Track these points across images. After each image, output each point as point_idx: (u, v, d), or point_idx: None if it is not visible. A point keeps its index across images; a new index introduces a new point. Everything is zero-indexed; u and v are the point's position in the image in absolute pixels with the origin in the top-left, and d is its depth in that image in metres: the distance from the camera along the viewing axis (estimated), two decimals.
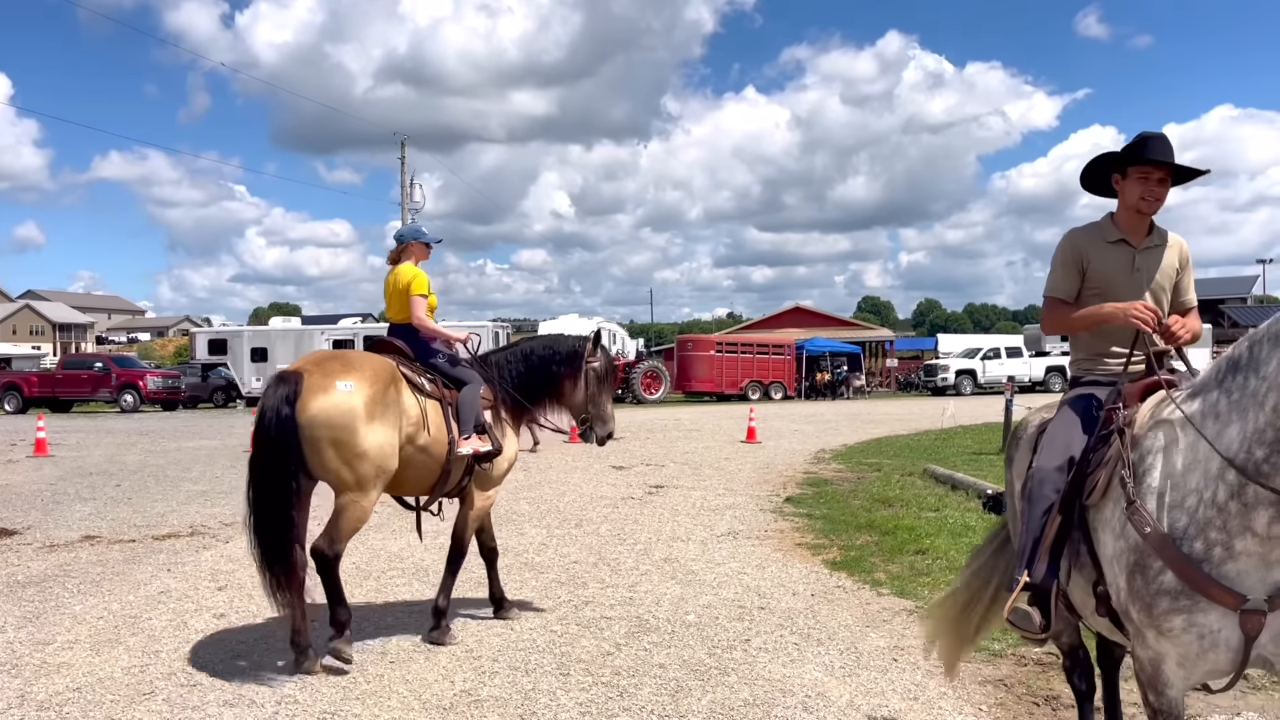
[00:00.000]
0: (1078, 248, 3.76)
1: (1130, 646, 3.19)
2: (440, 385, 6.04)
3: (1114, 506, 3.17)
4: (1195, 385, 3.13)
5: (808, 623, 6.50)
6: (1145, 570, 2.95)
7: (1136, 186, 3.66)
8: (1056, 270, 3.80)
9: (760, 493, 12.89)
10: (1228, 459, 2.84)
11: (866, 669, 5.55)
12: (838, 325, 56.69)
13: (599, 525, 10.30)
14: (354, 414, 5.36)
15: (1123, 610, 3.10)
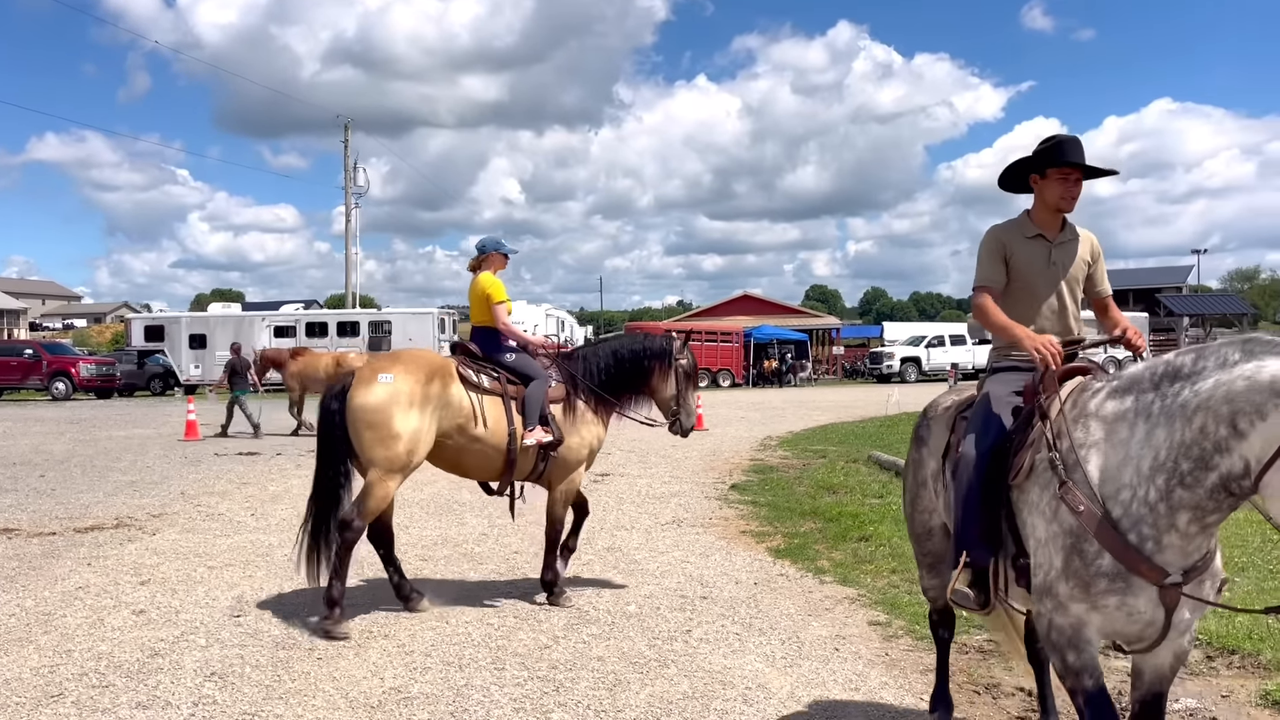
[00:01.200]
0: (1001, 241, 3.94)
1: (1041, 612, 3.31)
2: (504, 381, 6.51)
3: (1042, 491, 3.30)
4: (1126, 380, 3.25)
5: (750, 612, 6.40)
6: (1083, 553, 3.10)
7: (1057, 186, 3.85)
8: (984, 262, 3.95)
9: (706, 480, 12.81)
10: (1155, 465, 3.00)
11: (808, 659, 5.46)
12: (785, 313, 56.99)
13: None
14: (389, 402, 6.00)
15: (1046, 587, 3.23)
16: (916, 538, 4.38)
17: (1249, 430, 2.77)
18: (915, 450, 4.35)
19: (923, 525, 4.31)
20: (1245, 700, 4.70)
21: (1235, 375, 2.86)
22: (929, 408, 4.40)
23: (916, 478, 4.30)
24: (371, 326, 36.00)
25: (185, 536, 9.00)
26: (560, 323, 42.41)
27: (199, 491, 11.87)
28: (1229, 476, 2.85)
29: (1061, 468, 3.21)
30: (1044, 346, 3.59)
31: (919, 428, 4.37)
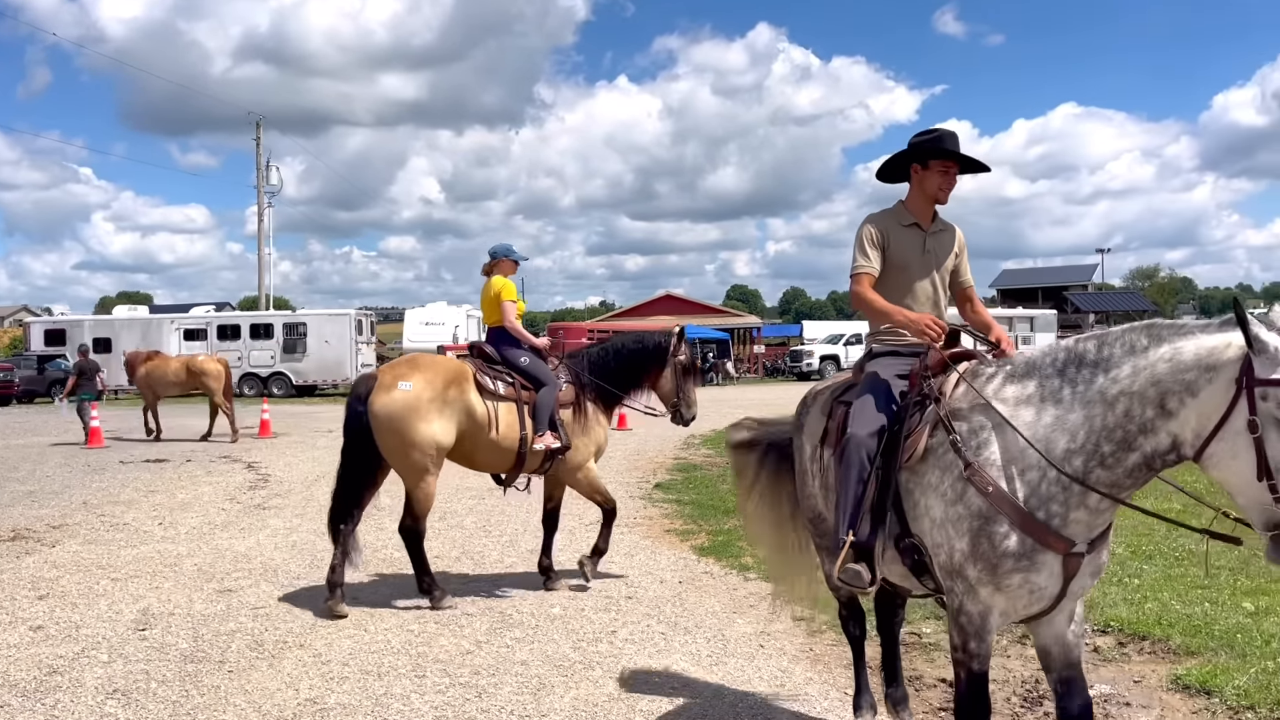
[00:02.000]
0: (879, 229, 3.98)
1: (953, 592, 3.32)
2: (518, 386, 6.82)
3: (941, 472, 3.33)
4: (1024, 366, 3.34)
5: (675, 611, 6.37)
6: (991, 534, 3.14)
7: (937, 177, 3.92)
8: (864, 249, 3.96)
9: (630, 480, 12.76)
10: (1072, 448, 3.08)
11: (734, 656, 5.45)
12: (707, 313, 57.33)
13: (464, 518, 9.97)
14: (408, 409, 6.36)
15: (955, 568, 3.25)
16: (810, 522, 4.35)
17: (1179, 409, 2.88)
18: (797, 438, 4.39)
19: (811, 510, 4.30)
20: (1157, 685, 4.82)
21: (1154, 359, 2.95)
22: (808, 396, 4.43)
23: (799, 464, 4.34)
24: (286, 329, 35.05)
25: (87, 548, 8.62)
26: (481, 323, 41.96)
27: (102, 501, 11.39)
28: (1154, 454, 2.97)
29: (966, 449, 3.24)
30: (930, 325, 3.65)
31: (799, 415, 4.40)
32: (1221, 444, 2.81)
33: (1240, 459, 2.77)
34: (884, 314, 3.90)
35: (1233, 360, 2.79)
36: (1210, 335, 2.89)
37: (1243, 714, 4.36)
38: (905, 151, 3.98)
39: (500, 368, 6.90)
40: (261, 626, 6.05)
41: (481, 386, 6.69)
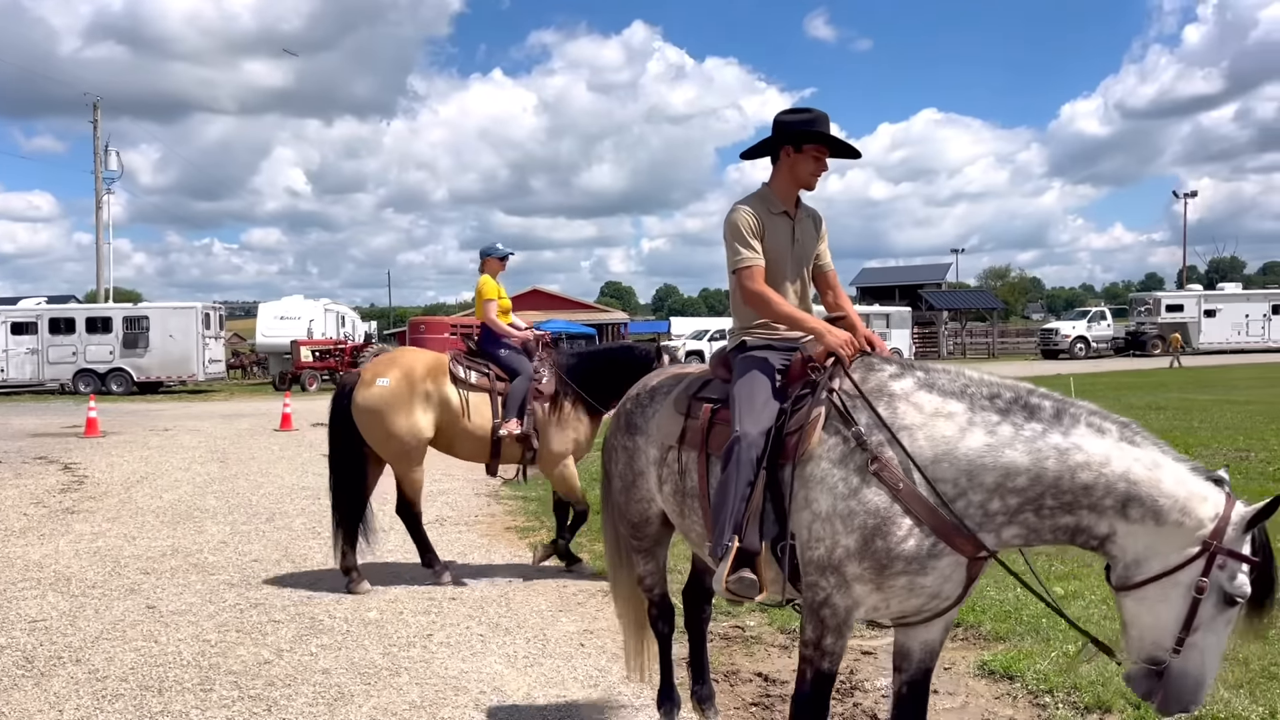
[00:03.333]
0: (756, 217, 3.66)
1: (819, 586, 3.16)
2: (493, 377, 7.07)
3: (834, 466, 3.16)
4: (946, 382, 3.19)
5: (499, 611, 6.13)
6: (888, 534, 3.00)
7: (810, 163, 3.65)
8: (746, 240, 3.63)
9: (478, 476, 12.32)
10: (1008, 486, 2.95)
11: (551, 657, 5.25)
12: (575, 308, 57.15)
13: (294, 519, 9.46)
14: (383, 403, 6.82)
15: (832, 564, 3.10)
16: (634, 526, 4.12)
17: (1138, 525, 2.81)
18: (626, 438, 4.07)
19: (640, 514, 4.06)
20: (965, 671, 4.85)
21: (1131, 459, 2.85)
22: (638, 393, 4.14)
23: (632, 466, 4.03)
24: (126, 322, 32.97)
25: None
26: (341, 318, 40.63)
27: None
28: (1087, 532, 2.90)
29: (873, 443, 3.08)
30: (848, 343, 3.39)
31: (629, 415, 4.09)
32: (1159, 587, 2.77)
33: (1170, 607, 2.76)
34: (790, 319, 3.57)
35: (1206, 518, 2.75)
36: (1189, 475, 2.82)
37: (1042, 698, 4.42)
38: (778, 133, 3.67)
39: (479, 360, 7.22)
40: (36, 641, 5.52)
41: (456, 377, 7.00)
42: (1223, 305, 48.65)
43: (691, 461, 3.65)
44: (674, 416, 3.80)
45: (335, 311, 40.39)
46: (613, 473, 4.17)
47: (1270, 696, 4.20)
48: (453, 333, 39.21)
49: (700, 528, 3.61)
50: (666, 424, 3.83)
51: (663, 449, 3.83)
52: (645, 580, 4.28)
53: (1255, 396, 20.59)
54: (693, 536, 3.75)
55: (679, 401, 3.83)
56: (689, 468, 3.67)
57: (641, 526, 4.10)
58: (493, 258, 7.74)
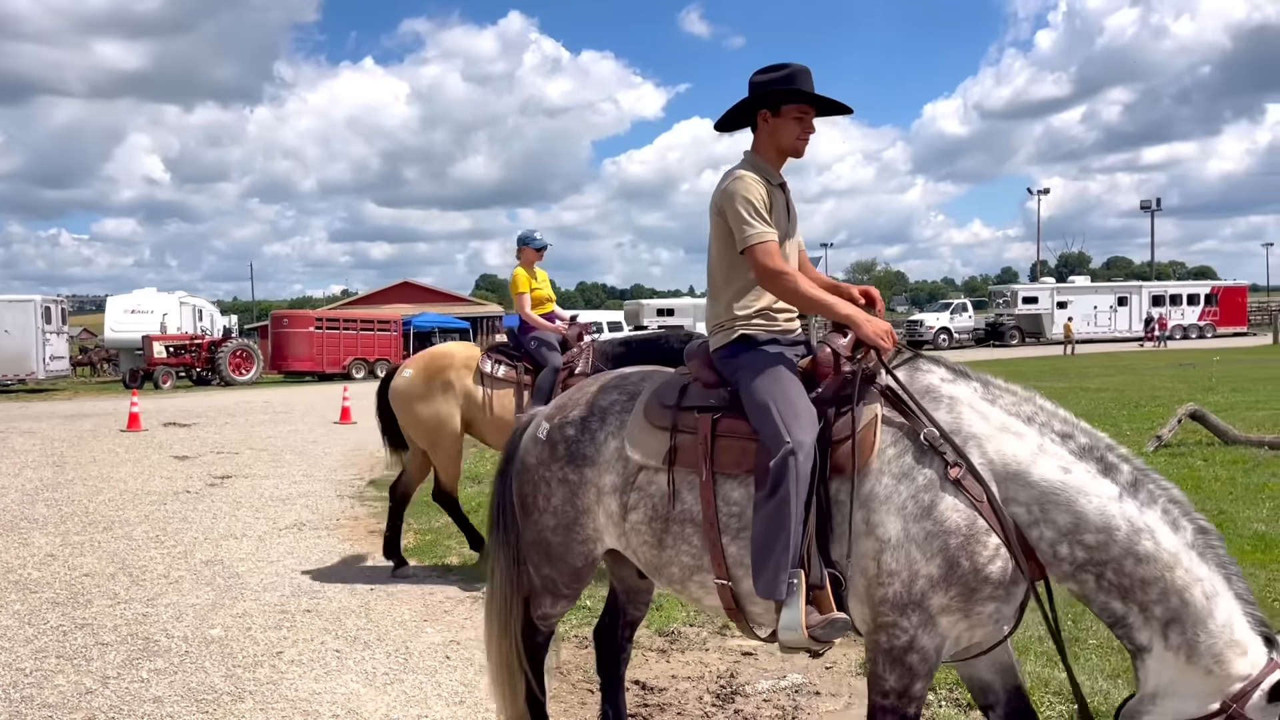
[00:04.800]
0: (764, 187, 3.17)
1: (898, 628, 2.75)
2: (521, 370, 7.04)
3: (899, 481, 2.76)
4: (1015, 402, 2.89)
5: (358, 624, 5.70)
6: (974, 555, 2.66)
7: (794, 126, 3.22)
8: (756, 212, 3.10)
9: (344, 477, 11.83)
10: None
11: (414, 672, 4.88)
12: (449, 301, 55.96)
13: (135, 527, 8.74)
14: (406, 394, 7.10)
15: (913, 599, 2.70)
16: (573, 571, 3.44)
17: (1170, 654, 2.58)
18: (566, 469, 3.34)
19: (583, 557, 3.40)
20: (847, 670, 4.71)
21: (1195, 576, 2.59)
22: (576, 415, 3.41)
23: (574, 503, 3.32)
24: None
25: None
26: (198, 312, 38.64)
27: None
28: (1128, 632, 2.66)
29: (949, 450, 2.72)
30: (888, 333, 2.98)
31: (571, 441, 3.36)
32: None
33: None
34: (819, 302, 3.07)
35: (1237, 675, 2.52)
36: (1240, 619, 2.58)
37: None
38: (751, 96, 3.22)
39: (510, 352, 7.22)
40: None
41: (482, 371, 7.04)
42: (1074, 297, 51.24)
43: (688, 485, 3.09)
44: (651, 432, 3.18)
45: (192, 305, 38.42)
46: (538, 508, 3.42)
47: None
48: (318, 326, 37.94)
49: (693, 560, 3.07)
50: (641, 443, 3.19)
51: (628, 473, 3.21)
52: (550, 620, 3.67)
53: (1106, 384, 21.61)
54: (673, 571, 3.14)
55: (655, 414, 3.21)
56: (682, 492, 3.09)
57: (582, 572, 3.47)
58: (529, 247, 7.69)
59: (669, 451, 3.11)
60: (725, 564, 2.98)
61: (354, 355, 37.89)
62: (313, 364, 36.89)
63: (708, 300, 3.37)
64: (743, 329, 3.20)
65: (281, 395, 27.96)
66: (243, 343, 36.15)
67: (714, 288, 3.30)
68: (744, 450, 3.00)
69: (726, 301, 3.24)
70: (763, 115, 3.23)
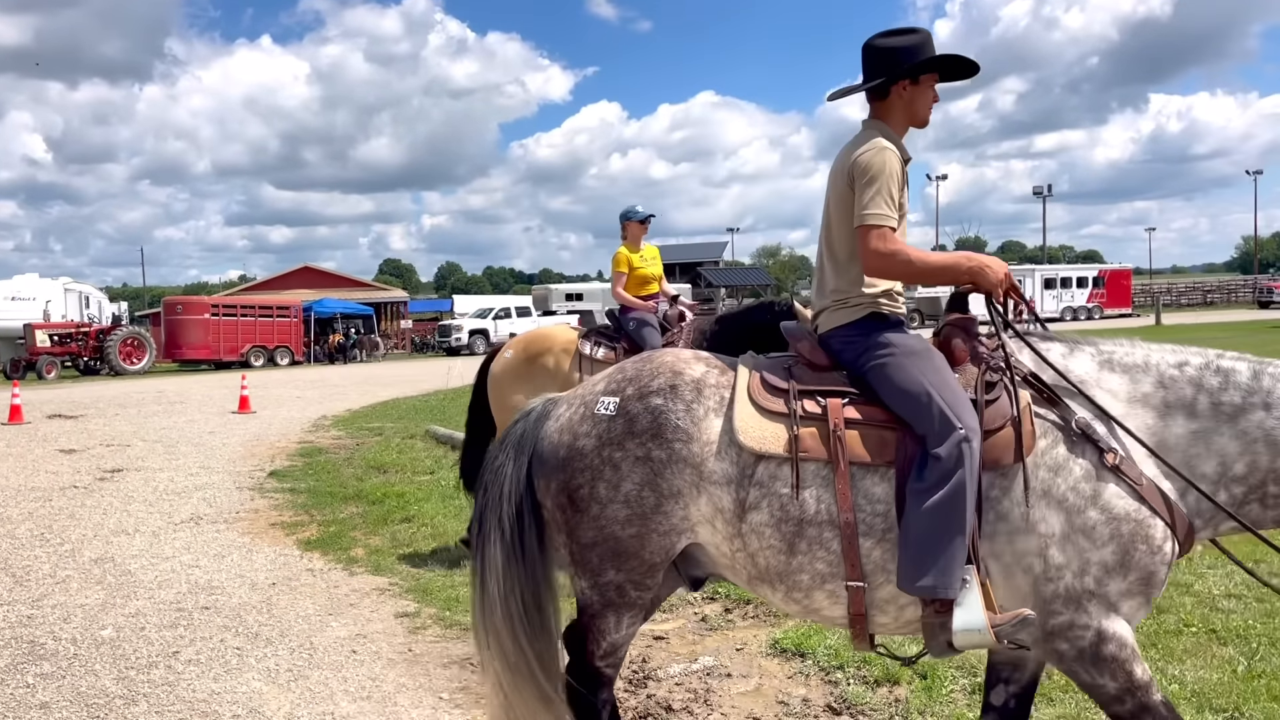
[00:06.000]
0: (899, 163, 2.95)
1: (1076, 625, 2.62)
2: (620, 353, 6.67)
3: (1056, 472, 2.65)
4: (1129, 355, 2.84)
5: (259, 620, 5.53)
6: (1150, 539, 2.60)
7: (929, 95, 3.02)
8: (892, 193, 2.87)
9: (242, 469, 11.47)
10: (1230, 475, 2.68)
11: (319, 668, 4.75)
12: (351, 286, 54.73)
13: (17, 525, 8.32)
14: (502, 375, 6.86)
15: (1088, 590, 2.59)
16: (650, 569, 2.91)
17: None
18: (651, 445, 2.85)
19: (661, 551, 2.88)
20: (757, 651, 4.76)
21: None
22: (665, 382, 2.94)
23: (657, 485, 2.84)
24: None
25: None
26: (85, 299, 36.98)
27: None
28: None
29: (1100, 434, 2.65)
30: (1008, 273, 2.87)
31: (655, 412, 2.88)
32: None
33: None
34: (938, 267, 2.89)
35: None
36: None
37: (833, 674, 4.37)
38: (889, 63, 2.95)
39: (610, 335, 6.97)
40: None
41: (581, 354, 6.78)
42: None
43: (817, 478, 2.77)
44: (764, 418, 2.83)
45: (77, 292, 36.74)
46: (599, 499, 2.88)
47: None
48: (214, 313, 36.72)
49: (829, 567, 2.75)
50: (753, 430, 2.82)
51: (743, 464, 2.81)
52: (619, 654, 3.05)
53: None
54: (801, 579, 2.79)
55: (765, 397, 2.87)
56: (815, 489, 2.77)
57: (657, 569, 2.93)
58: (633, 221, 7.29)
59: (790, 441, 2.79)
60: (862, 567, 2.73)
61: (252, 343, 36.85)
62: (209, 352, 35.76)
63: (821, 272, 3.09)
64: (873, 307, 2.97)
65: (176, 385, 27.00)
66: (133, 330, 34.80)
67: (834, 260, 3.02)
68: (882, 440, 2.75)
69: (853, 276, 2.96)
70: (901, 85, 2.99)
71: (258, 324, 37.31)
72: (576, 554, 2.95)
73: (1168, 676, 4.05)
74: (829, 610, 2.82)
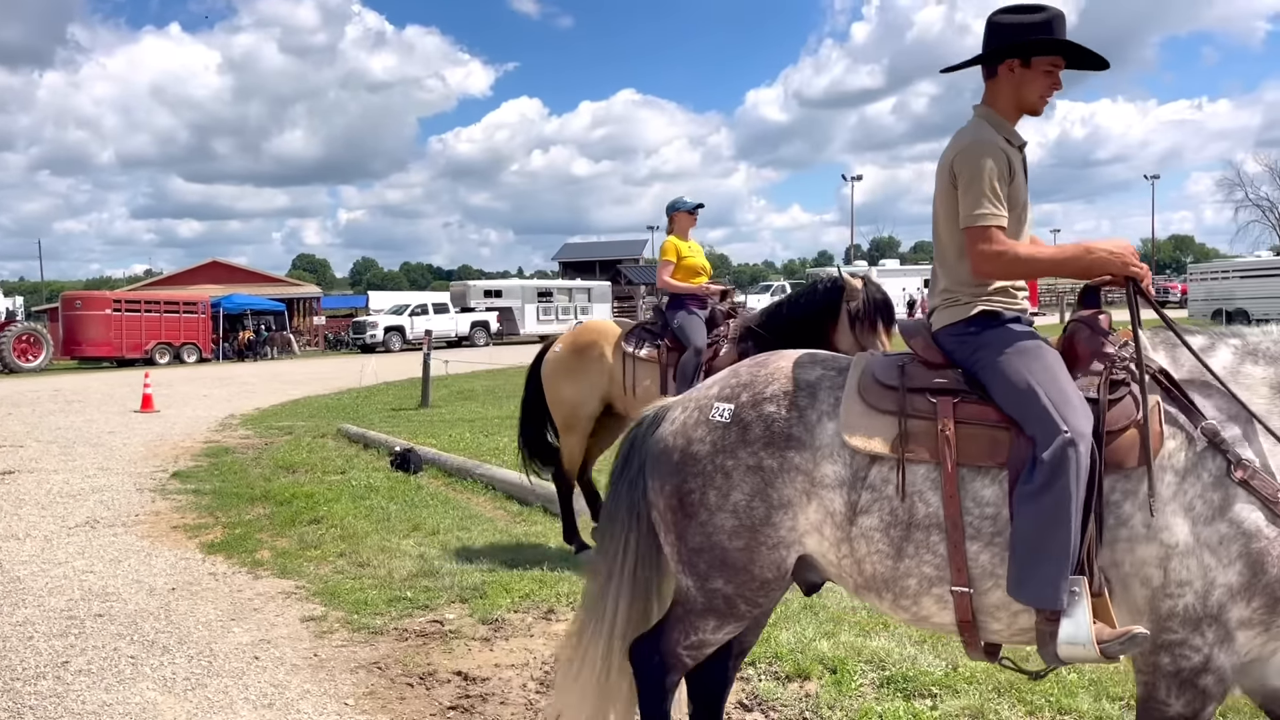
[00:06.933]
0: (1006, 155, 2.79)
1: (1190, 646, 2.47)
2: (665, 349, 6.47)
3: (1183, 479, 2.49)
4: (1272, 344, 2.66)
5: (156, 626, 5.32)
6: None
7: (1043, 80, 2.84)
8: (994, 189, 2.74)
9: (143, 470, 11.07)
10: None
11: (219, 675, 4.59)
12: (262, 281, 53.22)
13: None
14: (553, 371, 6.74)
15: (1208, 612, 2.44)
16: (762, 586, 2.85)
17: None
18: (763, 454, 2.79)
19: (772, 566, 2.81)
20: None
21: None
22: (778, 385, 2.88)
23: (767, 495, 2.77)
24: None
25: None
26: None
27: None
28: None
29: (1230, 441, 2.47)
30: (1134, 254, 2.70)
31: (770, 420, 2.82)
32: None
33: None
34: (1051, 261, 2.79)
35: None
36: None
37: (745, 670, 4.36)
38: (1000, 39, 2.81)
39: (655, 329, 6.71)
40: None
41: (626, 350, 6.57)
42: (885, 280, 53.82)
43: (925, 479, 2.68)
44: (873, 416, 2.75)
45: None
46: (708, 506, 2.84)
47: (950, 650, 4.40)
48: (116, 308, 35.41)
49: (936, 571, 2.66)
50: (861, 429, 2.74)
51: (856, 466, 2.73)
52: (703, 650, 3.04)
53: None
54: (908, 584, 2.70)
55: (875, 394, 2.78)
56: (923, 490, 2.67)
57: (771, 585, 2.87)
58: (681, 211, 7.01)
59: (897, 439, 2.70)
60: (969, 572, 2.62)
61: (157, 339, 35.65)
62: (111, 349, 34.47)
63: (936, 270, 2.99)
64: (984, 304, 2.84)
65: (74, 382, 25.98)
66: (29, 326, 33.38)
67: (943, 259, 2.93)
68: (994, 440, 2.64)
69: (962, 275, 2.86)
70: (1009, 65, 2.84)
71: (163, 320, 36.10)
72: (685, 556, 2.93)
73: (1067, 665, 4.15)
74: (937, 616, 2.72)
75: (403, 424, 14.37)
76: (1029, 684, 3.90)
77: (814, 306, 6.16)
